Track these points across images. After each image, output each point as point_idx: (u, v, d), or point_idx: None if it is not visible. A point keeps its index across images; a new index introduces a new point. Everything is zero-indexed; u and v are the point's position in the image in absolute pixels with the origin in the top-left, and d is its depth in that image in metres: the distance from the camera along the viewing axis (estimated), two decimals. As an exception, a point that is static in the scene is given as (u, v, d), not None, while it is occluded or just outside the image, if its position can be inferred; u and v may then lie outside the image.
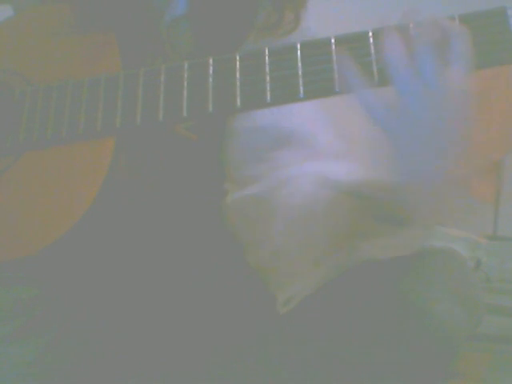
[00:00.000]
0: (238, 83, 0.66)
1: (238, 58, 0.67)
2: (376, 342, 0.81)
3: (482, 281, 1.29)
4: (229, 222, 0.88)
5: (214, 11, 0.83)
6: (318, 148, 0.86)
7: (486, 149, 0.71)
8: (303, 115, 0.87)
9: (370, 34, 0.64)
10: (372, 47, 0.64)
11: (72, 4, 0.79)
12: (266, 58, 0.66)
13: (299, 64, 0.65)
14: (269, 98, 0.65)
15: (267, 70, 0.66)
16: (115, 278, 0.83)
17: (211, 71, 0.68)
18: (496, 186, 2.18)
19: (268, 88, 0.65)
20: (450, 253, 0.89)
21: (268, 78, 0.65)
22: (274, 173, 0.84)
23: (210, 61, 0.68)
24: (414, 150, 0.65)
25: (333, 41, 0.65)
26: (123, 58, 0.74)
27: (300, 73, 0.65)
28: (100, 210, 0.69)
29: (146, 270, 0.85)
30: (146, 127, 0.69)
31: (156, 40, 0.83)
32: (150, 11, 0.84)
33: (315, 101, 0.86)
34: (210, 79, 0.67)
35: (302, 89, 0.64)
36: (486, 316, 0.90)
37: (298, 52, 0.65)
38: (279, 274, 0.81)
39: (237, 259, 0.89)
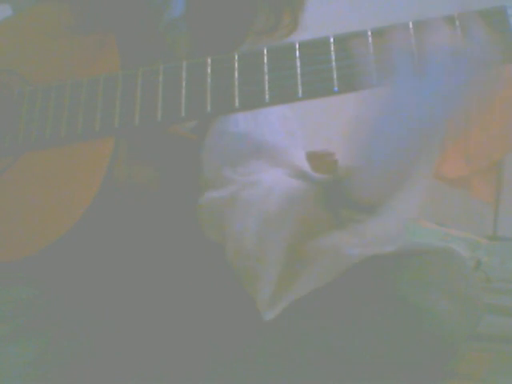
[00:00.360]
0: (236, 83, 0.66)
1: (236, 57, 0.67)
2: (375, 341, 0.81)
3: (481, 281, 1.29)
4: (200, 222, 0.88)
5: (212, 13, 0.83)
6: (291, 165, 0.86)
7: (486, 149, 0.71)
8: (279, 129, 0.87)
9: (369, 33, 0.64)
10: (371, 46, 0.63)
11: (71, 4, 0.79)
12: (265, 57, 0.66)
13: (298, 64, 0.65)
14: (267, 97, 0.65)
15: (266, 69, 0.66)
16: (115, 277, 0.83)
17: (209, 71, 0.67)
18: (496, 186, 2.19)
19: (266, 88, 0.65)
20: (450, 253, 0.89)
21: (266, 77, 0.65)
22: (243, 178, 0.84)
23: (209, 60, 0.68)
24: (396, 135, 0.66)
25: (331, 40, 0.65)
26: (122, 59, 0.74)
27: (299, 72, 0.64)
28: (99, 210, 0.69)
29: (145, 269, 0.85)
30: (144, 127, 0.69)
31: (155, 41, 0.82)
32: (148, 12, 0.84)
33: (293, 116, 0.88)
34: (209, 79, 0.67)
35: (300, 88, 0.64)
36: (486, 316, 0.90)
37: (297, 52, 0.65)
38: (241, 274, 0.81)
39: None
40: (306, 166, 0.88)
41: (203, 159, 0.87)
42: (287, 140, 0.87)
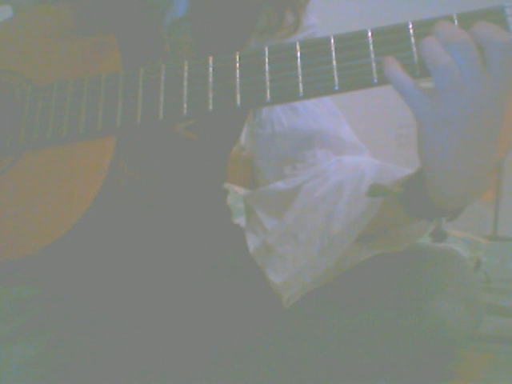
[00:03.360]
0: (237, 82, 0.66)
1: (237, 57, 0.67)
2: (376, 341, 0.81)
3: (481, 281, 1.28)
4: (246, 210, 0.89)
5: (215, 13, 0.84)
6: (341, 143, 0.88)
7: (503, 140, 0.71)
8: (320, 113, 0.88)
9: (369, 33, 0.64)
10: (371, 46, 0.64)
11: (72, 4, 0.79)
12: (266, 57, 0.66)
13: (299, 63, 0.65)
14: (269, 96, 0.65)
15: (267, 69, 0.66)
16: (115, 277, 0.83)
17: (211, 70, 0.68)
18: (496, 186, 2.18)
19: (268, 87, 0.65)
20: (449, 253, 0.89)
21: (268, 76, 0.65)
22: (303, 171, 0.85)
23: (210, 60, 0.68)
24: (444, 141, 0.64)
25: (332, 40, 0.65)
26: (124, 60, 0.74)
27: (300, 72, 0.65)
28: (100, 209, 0.69)
29: (147, 269, 0.85)
30: (146, 126, 0.69)
31: (157, 42, 0.83)
32: (150, 12, 0.84)
33: (329, 100, 0.89)
34: (210, 78, 0.67)
35: (301, 88, 0.64)
36: (485, 316, 0.90)
37: (298, 51, 0.65)
38: (283, 259, 0.82)
39: (236, 258, 0.89)
40: (354, 139, 0.89)
41: (259, 166, 0.89)
42: (331, 121, 0.89)
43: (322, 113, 0.89)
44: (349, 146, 0.88)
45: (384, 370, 0.81)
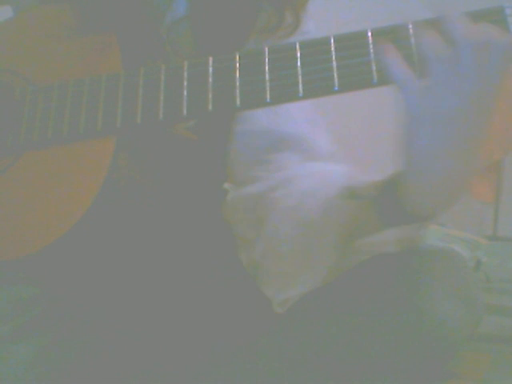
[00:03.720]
0: (237, 82, 0.66)
1: (237, 57, 0.67)
2: (376, 341, 0.81)
3: (481, 281, 1.29)
4: (226, 219, 0.88)
5: (215, 13, 0.84)
6: (316, 150, 0.87)
7: (486, 149, 0.71)
8: (300, 118, 0.87)
9: (369, 33, 0.64)
10: (371, 46, 0.64)
11: (73, 5, 0.80)
12: (266, 57, 0.66)
13: (299, 63, 0.65)
14: (268, 97, 0.65)
15: (267, 69, 0.66)
16: (116, 277, 0.83)
17: (211, 70, 0.68)
18: (496, 186, 2.18)
19: (268, 87, 0.65)
20: (449, 253, 0.89)
21: (267, 77, 0.66)
22: (274, 174, 0.85)
23: (210, 60, 0.68)
24: (435, 140, 0.65)
25: (332, 40, 0.65)
26: (124, 60, 0.74)
27: (299, 72, 0.65)
28: (100, 209, 0.69)
29: (147, 269, 0.85)
30: (146, 126, 0.69)
31: (157, 41, 0.83)
32: (150, 12, 0.84)
33: (311, 104, 0.88)
34: (210, 78, 0.68)
35: (301, 88, 0.65)
36: (486, 316, 0.90)
37: (298, 51, 0.66)
38: (270, 274, 0.82)
39: (235, 258, 0.89)
40: (329, 150, 0.89)
41: (232, 162, 0.88)
42: (309, 128, 0.88)
43: (302, 118, 0.88)
44: (324, 154, 0.88)
45: (384, 369, 0.81)
